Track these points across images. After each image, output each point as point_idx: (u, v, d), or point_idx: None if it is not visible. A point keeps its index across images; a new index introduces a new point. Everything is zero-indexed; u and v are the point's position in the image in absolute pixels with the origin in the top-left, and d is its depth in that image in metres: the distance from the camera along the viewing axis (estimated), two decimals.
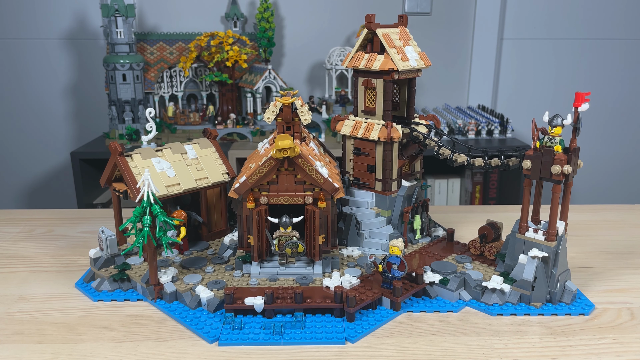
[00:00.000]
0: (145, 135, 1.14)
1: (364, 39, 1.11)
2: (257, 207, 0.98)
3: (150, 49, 2.48)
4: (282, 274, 0.99)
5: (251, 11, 2.68)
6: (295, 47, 2.75)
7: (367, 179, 1.15)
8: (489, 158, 1.06)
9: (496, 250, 1.08)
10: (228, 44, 2.36)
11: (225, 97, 2.47)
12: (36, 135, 2.81)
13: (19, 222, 1.40)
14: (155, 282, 0.96)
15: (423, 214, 1.20)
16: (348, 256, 1.11)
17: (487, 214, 1.23)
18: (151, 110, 1.14)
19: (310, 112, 1.00)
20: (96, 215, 1.48)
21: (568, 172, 0.90)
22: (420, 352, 0.82)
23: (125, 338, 0.86)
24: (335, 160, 1.22)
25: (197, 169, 1.12)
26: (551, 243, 0.93)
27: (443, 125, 2.44)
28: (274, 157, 0.94)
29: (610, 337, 0.86)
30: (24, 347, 0.84)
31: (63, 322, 0.91)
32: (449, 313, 0.93)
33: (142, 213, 0.90)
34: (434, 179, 2.55)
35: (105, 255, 1.04)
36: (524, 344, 0.84)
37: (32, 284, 1.05)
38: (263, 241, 1.00)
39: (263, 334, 0.85)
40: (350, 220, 1.14)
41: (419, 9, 2.72)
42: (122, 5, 2.24)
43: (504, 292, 0.94)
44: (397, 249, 0.95)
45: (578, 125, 0.91)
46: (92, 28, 2.67)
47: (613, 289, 1.03)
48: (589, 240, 1.26)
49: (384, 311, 0.93)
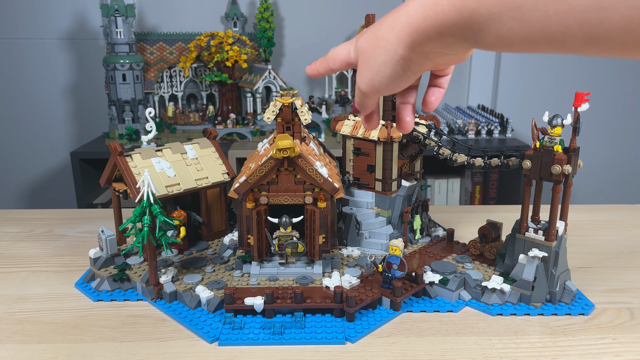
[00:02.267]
0: (145, 135, 1.14)
1: None
2: (256, 207, 0.98)
3: (150, 49, 2.48)
4: (282, 274, 0.99)
5: (251, 11, 2.68)
6: (295, 47, 2.75)
7: (367, 179, 1.15)
8: (488, 158, 1.06)
9: (496, 250, 1.08)
10: (228, 44, 2.36)
11: (225, 97, 2.47)
12: (36, 135, 2.81)
13: (19, 222, 1.40)
14: (155, 282, 0.96)
15: (423, 214, 1.20)
16: (348, 256, 1.11)
17: (487, 214, 1.23)
18: (151, 110, 1.14)
19: (310, 112, 1.00)
20: (96, 215, 1.48)
21: (568, 172, 0.90)
22: (420, 352, 0.82)
23: (125, 338, 0.86)
24: (335, 160, 1.22)
25: (197, 169, 1.12)
26: (551, 243, 0.93)
27: (443, 125, 2.44)
28: (274, 157, 0.94)
29: (610, 337, 0.86)
30: (24, 347, 0.84)
31: (63, 322, 0.91)
32: (448, 313, 0.93)
33: (142, 213, 0.90)
34: (434, 179, 2.55)
35: (105, 255, 1.04)
36: (524, 344, 0.84)
37: (32, 284, 1.05)
38: (263, 241, 1.00)
39: (263, 334, 0.85)
40: (350, 220, 1.14)
41: None
42: (122, 5, 2.24)
43: (504, 292, 0.95)
44: (397, 249, 0.95)
45: (578, 125, 0.91)
46: (92, 28, 2.67)
47: (613, 289, 1.03)
48: (589, 240, 1.26)
49: (383, 311, 0.93)
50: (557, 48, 0.37)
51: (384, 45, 0.49)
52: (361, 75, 0.53)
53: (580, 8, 0.33)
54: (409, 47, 0.47)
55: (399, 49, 0.47)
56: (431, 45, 0.45)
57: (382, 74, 0.50)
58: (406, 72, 0.49)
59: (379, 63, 0.50)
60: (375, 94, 0.53)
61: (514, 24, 0.37)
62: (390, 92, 0.53)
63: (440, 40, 0.44)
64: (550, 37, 0.36)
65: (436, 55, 0.47)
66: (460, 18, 0.41)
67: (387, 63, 0.49)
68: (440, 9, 0.42)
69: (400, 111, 0.59)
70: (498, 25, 0.39)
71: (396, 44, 0.47)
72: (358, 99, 0.56)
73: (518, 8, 0.36)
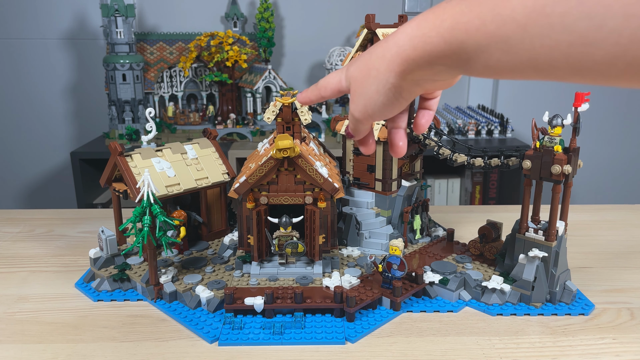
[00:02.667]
0: (145, 135, 1.14)
1: (363, 39, 1.11)
2: (256, 207, 0.98)
3: (150, 49, 2.48)
4: (282, 274, 0.99)
5: (251, 11, 2.68)
6: (295, 47, 2.75)
7: (367, 179, 1.15)
8: (489, 158, 1.06)
9: (496, 250, 1.08)
10: (228, 44, 2.36)
11: (225, 97, 2.47)
12: (36, 135, 2.81)
13: (19, 222, 1.40)
14: (155, 282, 0.96)
15: (423, 214, 1.20)
16: (348, 256, 1.11)
17: (487, 214, 1.23)
18: (151, 110, 1.14)
19: (310, 112, 1.00)
20: (96, 215, 1.48)
21: (568, 172, 0.90)
22: (420, 352, 0.82)
23: (125, 338, 0.86)
24: (335, 160, 1.22)
25: (197, 169, 1.12)
26: (551, 243, 0.93)
27: (443, 125, 2.44)
28: (274, 157, 0.94)
29: (610, 337, 0.86)
30: (24, 347, 0.84)
31: (63, 322, 0.91)
32: (448, 313, 0.93)
33: (142, 213, 0.90)
34: (434, 179, 2.55)
35: (105, 255, 1.04)
36: (524, 344, 0.84)
37: (32, 284, 1.05)
38: (263, 241, 1.00)
39: (263, 334, 0.85)
40: (350, 220, 1.14)
41: (419, 9, 2.72)
42: (122, 5, 2.24)
43: (504, 292, 0.95)
44: (397, 249, 0.95)
45: (578, 125, 0.91)
46: (92, 28, 2.67)
47: (613, 289, 1.03)
48: (589, 240, 1.26)
49: (383, 311, 0.93)
50: (544, 77, 0.39)
51: (375, 74, 0.51)
52: (354, 103, 0.55)
53: (564, 43, 0.34)
54: (399, 75, 0.49)
55: (390, 77, 0.49)
56: (421, 73, 0.47)
57: (375, 101, 0.52)
58: (398, 99, 0.51)
59: (372, 91, 0.52)
60: (368, 120, 0.56)
61: (501, 56, 0.39)
62: (383, 118, 0.55)
63: (430, 68, 0.46)
64: (537, 67, 0.37)
65: (426, 81, 0.49)
66: (449, 49, 0.42)
67: (380, 91, 0.51)
68: (429, 41, 0.44)
69: (392, 136, 0.62)
70: (486, 56, 0.40)
71: (387, 73, 0.49)
72: (352, 125, 0.58)
73: (505, 41, 0.37)
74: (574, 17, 0.33)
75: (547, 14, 0.34)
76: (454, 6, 0.42)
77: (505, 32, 0.37)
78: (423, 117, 0.62)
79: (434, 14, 0.44)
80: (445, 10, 0.43)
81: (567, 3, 0.33)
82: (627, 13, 0.30)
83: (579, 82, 0.37)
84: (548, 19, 0.34)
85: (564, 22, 0.33)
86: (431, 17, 0.44)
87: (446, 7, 0.43)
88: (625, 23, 0.30)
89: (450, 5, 0.43)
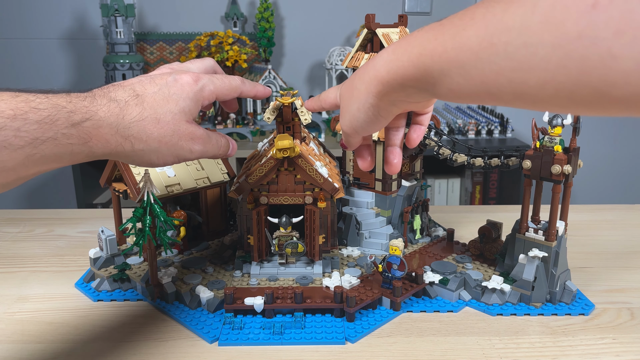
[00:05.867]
0: None
1: (363, 38, 1.11)
2: (256, 207, 0.98)
3: (150, 48, 2.48)
4: (282, 274, 0.99)
5: (251, 11, 2.68)
6: (295, 47, 2.75)
7: (367, 179, 1.15)
8: (489, 158, 1.06)
9: (496, 250, 1.08)
10: (228, 44, 2.37)
11: None
12: None
13: (19, 222, 1.40)
14: (155, 282, 0.96)
15: (423, 214, 1.20)
16: (348, 256, 1.11)
17: (487, 214, 1.23)
18: None
19: (310, 112, 1.00)
20: (96, 215, 1.48)
21: (568, 172, 0.90)
22: (420, 352, 0.82)
23: (125, 338, 0.86)
24: (335, 160, 1.22)
25: (197, 169, 1.12)
26: (551, 243, 0.93)
27: (443, 125, 2.44)
28: (274, 157, 0.94)
29: (610, 337, 0.86)
30: (24, 347, 0.84)
31: (63, 322, 0.91)
32: (448, 313, 0.93)
33: (142, 213, 0.90)
34: (434, 179, 2.55)
35: (105, 255, 1.04)
36: (524, 344, 0.84)
37: (32, 284, 1.05)
38: (263, 241, 1.00)
39: (263, 334, 0.85)
40: (350, 220, 1.14)
41: (418, 9, 2.72)
42: (122, 5, 2.24)
43: (504, 292, 0.95)
44: (397, 249, 0.95)
45: (578, 125, 0.91)
46: (92, 28, 2.67)
47: (613, 289, 1.03)
48: (589, 240, 1.26)
49: (383, 311, 0.93)
50: (495, 101, 0.43)
51: (357, 94, 0.57)
52: (343, 118, 0.62)
53: (507, 69, 0.38)
54: (376, 96, 0.54)
55: (369, 98, 0.55)
56: (395, 95, 0.53)
57: (357, 118, 0.58)
58: (377, 117, 0.57)
59: (354, 109, 0.58)
60: (355, 135, 0.62)
61: (460, 80, 0.43)
62: (368, 133, 0.61)
63: (402, 90, 0.51)
64: (489, 91, 0.41)
65: (401, 102, 0.54)
66: (418, 73, 0.47)
67: (360, 109, 0.57)
68: (400, 65, 0.49)
69: (387, 154, 0.68)
70: (448, 80, 0.44)
71: (366, 93, 0.55)
72: (343, 137, 0.65)
73: (462, 66, 0.42)
74: (515, 46, 0.37)
75: (494, 43, 0.39)
76: (423, 34, 0.47)
77: (462, 58, 0.42)
78: (415, 132, 0.68)
79: (407, 41, 0.49)
80: (417, 37, 0.48)
81: (510, 34, 0.37)
82: (554, 43, 0.34)
83: (523, 108, 0.42)
84: (494, 48, 0.39)
85: (507, 50, 0.38)
86: (404, 43, 0.49)
87: (417, 35, 0.48)
88: (552, 52, 0.35)
89: (421, 33, 0.48)
